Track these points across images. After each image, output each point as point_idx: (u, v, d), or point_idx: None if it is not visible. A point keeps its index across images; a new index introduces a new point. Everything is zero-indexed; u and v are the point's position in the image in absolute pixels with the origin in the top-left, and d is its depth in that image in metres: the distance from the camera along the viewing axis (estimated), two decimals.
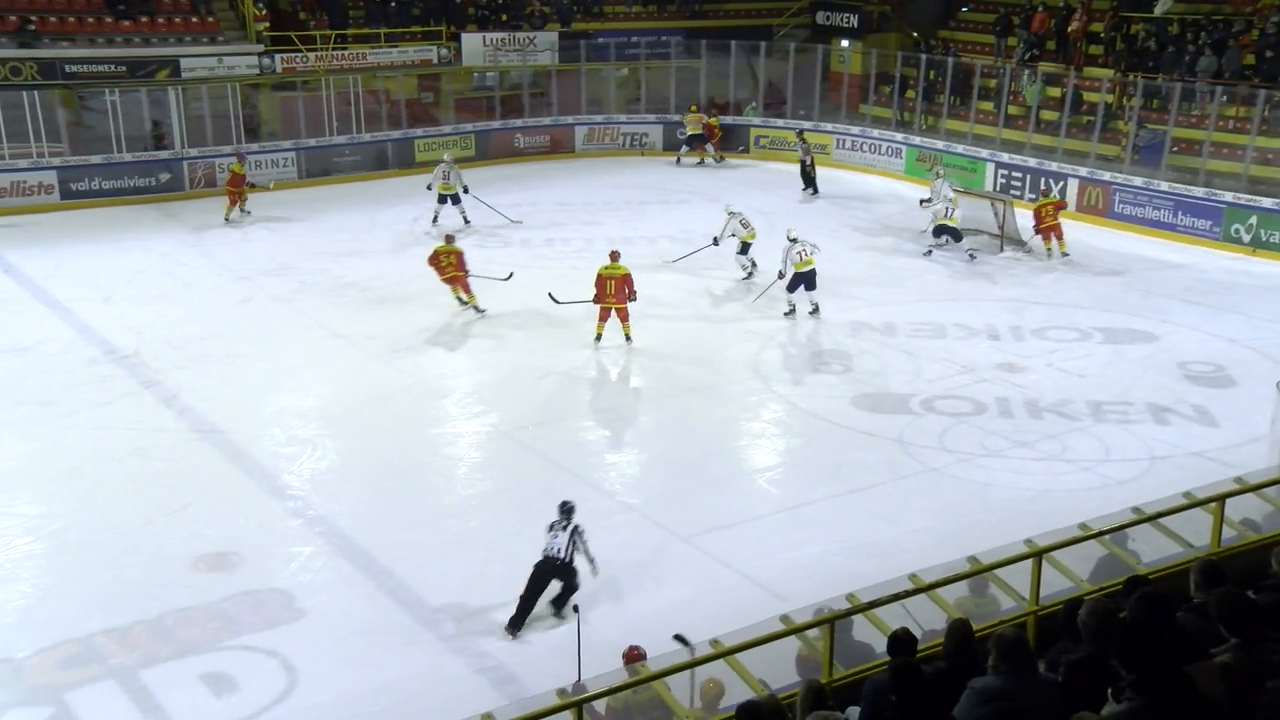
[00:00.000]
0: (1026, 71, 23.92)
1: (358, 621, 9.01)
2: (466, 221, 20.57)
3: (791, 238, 16.23)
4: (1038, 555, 6.19)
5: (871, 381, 13.58)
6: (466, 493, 11.18)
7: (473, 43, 26.21)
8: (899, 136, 24.62)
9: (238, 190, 21.17)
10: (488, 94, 26.90)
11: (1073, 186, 21.39)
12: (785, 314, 15.93)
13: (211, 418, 12.51)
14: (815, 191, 23.37)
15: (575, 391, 13.48)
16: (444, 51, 25.93)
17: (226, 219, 21.11)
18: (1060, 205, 19.46)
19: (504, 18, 27.14)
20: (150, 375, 13.71)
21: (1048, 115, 23.12)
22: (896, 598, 5.90)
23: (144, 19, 23.24)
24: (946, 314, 15.97)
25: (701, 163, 25.49)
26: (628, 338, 14.86)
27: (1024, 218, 20.02)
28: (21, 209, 20.83)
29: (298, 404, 12.99)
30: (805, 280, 15.98)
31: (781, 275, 16.06)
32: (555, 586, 9.11)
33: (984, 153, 22.91)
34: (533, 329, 15.48)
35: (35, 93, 21.04)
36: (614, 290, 14.80)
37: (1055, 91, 23.38)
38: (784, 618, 6.08)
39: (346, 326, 15.44)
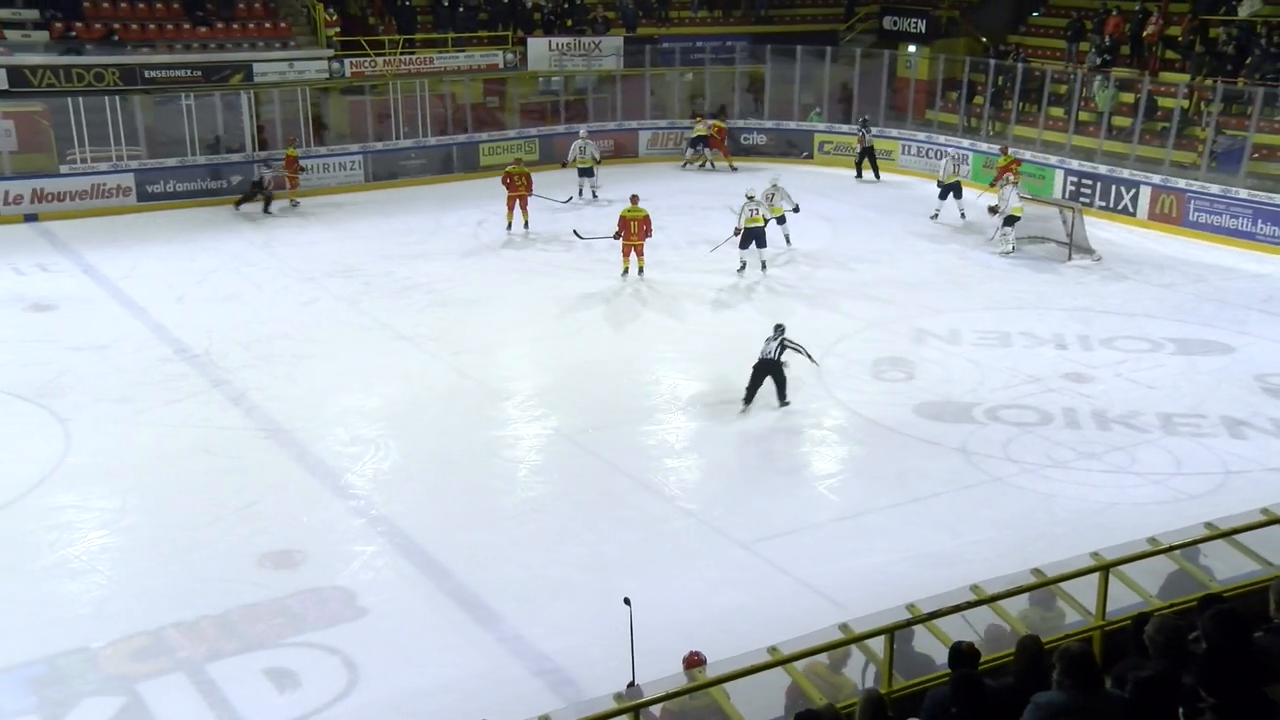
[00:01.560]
0: (1099, 77, 23.51)
1: (418, 621, 9.11)
2: (595, 196, 22.42)
3: (749, 195, 18.12)
4: (1104, 569, 6.07)
5: (935, 389, 13.43)
6: (527, 495, 11.26)
7: (538, 47, 26.44)
8: (966, 142, 24.34)
9: (294, 175, 21.94)
10: (552, 98, 27.10)
11: (1145, 194, 20.96)
12: (737, 270, 17.91)
13: (278, 417, 12.74)
14: (877, 177, 24.05)
15: (635, 395, 13.51)
16: (509, 56, 26.18)
17: (292, 204, 21.90)
18: (1018, 163, 21.37)
19: (569, 23, 27.32)
20: (219, 374, 14.01)
21: (1120, 121, 22.71)
22: (958, 609, 5.82)
23: (220, 25, 23.79)
24: (1012, 322, 15.76)
25: (703, 166, 25.38)
26: (640, 270, 17.65)
27: (1093, 225, 19.72)
28: (101, 210, 21.42)
29: (361, 404, 13.18)
30: (755, 237, 17.84)
31: (737, 232, 17.86)
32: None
33: (1053, 159, 22.55)
34: (591, 333, 15.57)
35: (116, 97, 21.62)
36: (636, 230, 17.64)
37: (1128, 97, 22.95)
38: (843, 626, 6.04)
39: (410, 328, 15.63)
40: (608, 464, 11.69)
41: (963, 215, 21.00)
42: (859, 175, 24.76)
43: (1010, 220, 18.89)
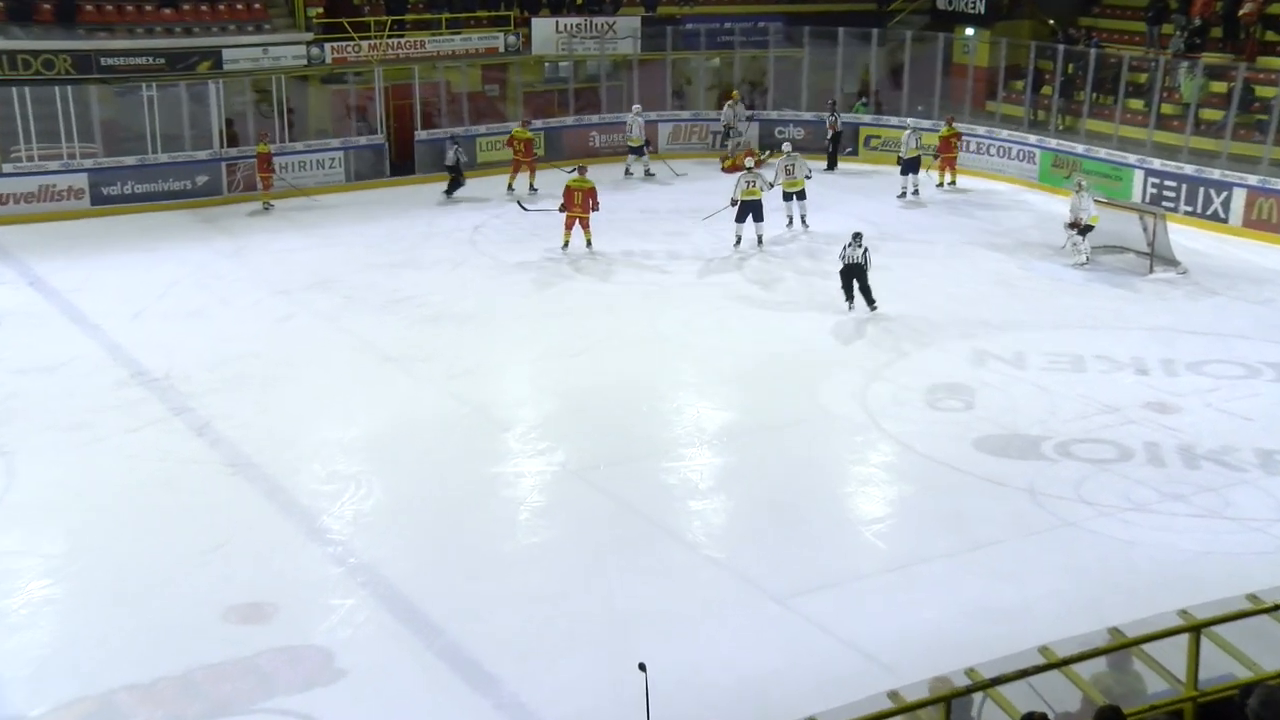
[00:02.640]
0: (1185, 64, 23.46)
1: (404, 684, 9.09)
2: (648, 174, 24.56)
3: (747, 165, 20.15)
4: (1195, 629, 6.00)
5: (998, 420, 13.38)
6: (529, 540, 11.24)
7: (544, 29, 26.65)
8: (1032, 139, 24.38)
9: (266, 174, 22.30)
10: (560, 87, 27.32)
11: (1239, 198, 20.86)
12: (733, 245, 19.70)
13: (246, 449, 12.78)
14: (830, 166, 25.01)
15: (653, 425, 13.50)
16: (512, 39, 26.40)
17: (265, 206, 22.33)
18: (959, 136, 23.80)
19: (579, 1, 27.50)
20: (182, 400, 14.07)
21: (1210, 114, 22.65)
22: (1024, 674, 5.77)
23: (186, 6, 24.00)
24: (1086, 344, 15.69)
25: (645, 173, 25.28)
26: (588, 243, 19.42)
27: (1178, 233, 19.65)
28: (51, 214, 21.60)
29: (341, 435, 13.21)
30: (752, 210, 19.45)
31: (734, 203, 19.58)
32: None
33: (1131, 158, 22.53)
34: (602, 351, 15.60)
35: (68, 87, 21.77)
36: (580, 201, 19.26)
37: (1220, 87, 22.88)
38: (893, 694, 5.99)
39: (397, 348, 15.69)
40: (622, 505, 11.67)
41: (915, 192, 23.07)
42: (831, 166, 25.27)
43: (1084, 228, 18.86)
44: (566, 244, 19.57)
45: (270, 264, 19.36)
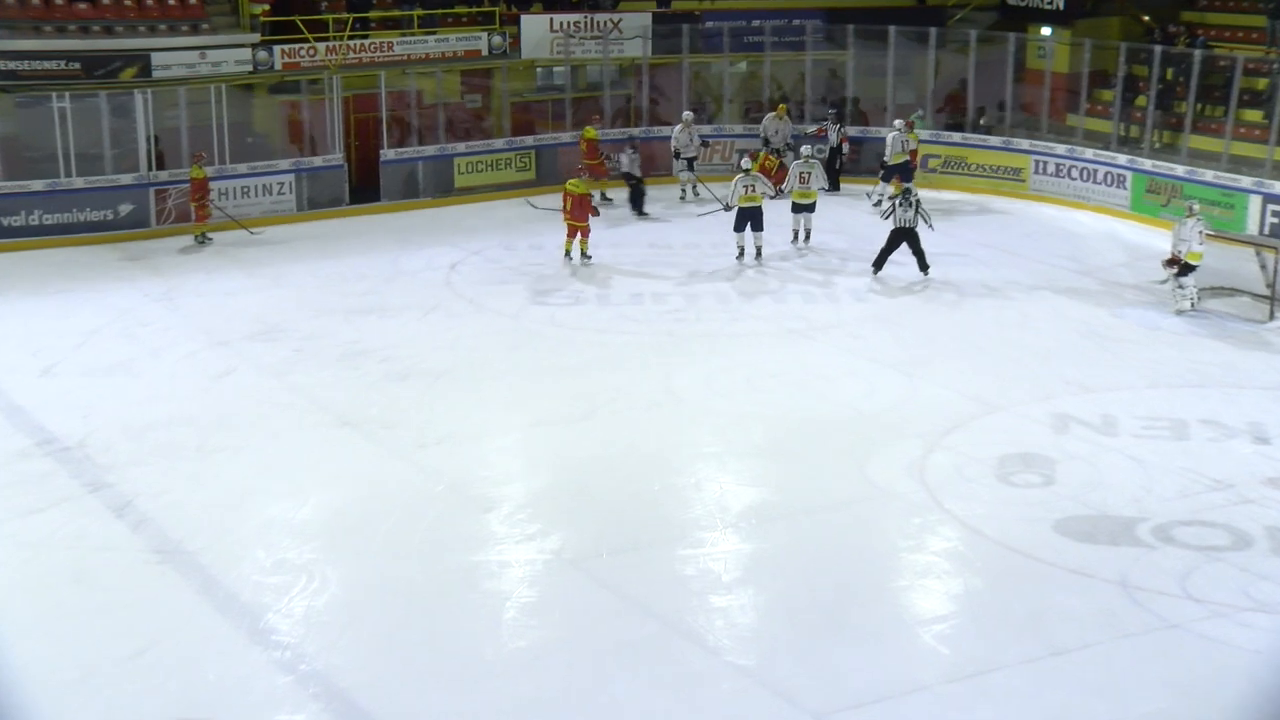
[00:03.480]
0: None
1: None
2: (695, 194, 25.49)
3: (745, 167, 21.56)
4: None
5: (1083, 498, 13.38)
6: (516, 644, 11.23)
7: (536, 28, 27.00)
8: (1122, 159, 24.60)
9: (202, 202, 22.47)
10: (555, 96, 27.66)
11: None
12: (735, 258, 21.25)
13: (176, 533, 12.82)
14: (834, 187, 25.57)
15: (667, 506, 13.53)
16: (497, 40, 26.72)
17: (199, 240, 22.55)
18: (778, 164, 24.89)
19: None
20: (98, 474, 14.13)
21: None
22: None
23: (107, 1, 24.24)
24: (1191, 405, 15.74)
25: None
26: (584, 255, 21.15)
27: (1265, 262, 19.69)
28: None
29: (290, 516, 13.25)
30: (751, 218, 20.91)
31: (728, 208, 21.24)
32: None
33: (1246, 182, 22.72)
34: (607, 417, 15.67)
35: None
36: (571, 207, 21.00)
37: None
38: None
39: (358, 411, 15.77)
40: (630, 601, 11.67)
41: (877, 203, 23.97)
42: (834, 186, 25.71)
43: (1187, 268, 18.86)
44: (568, 252, 21.33)
45: (207, 309, 19.52)
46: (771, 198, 22.11)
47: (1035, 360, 17.21)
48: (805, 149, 23.27)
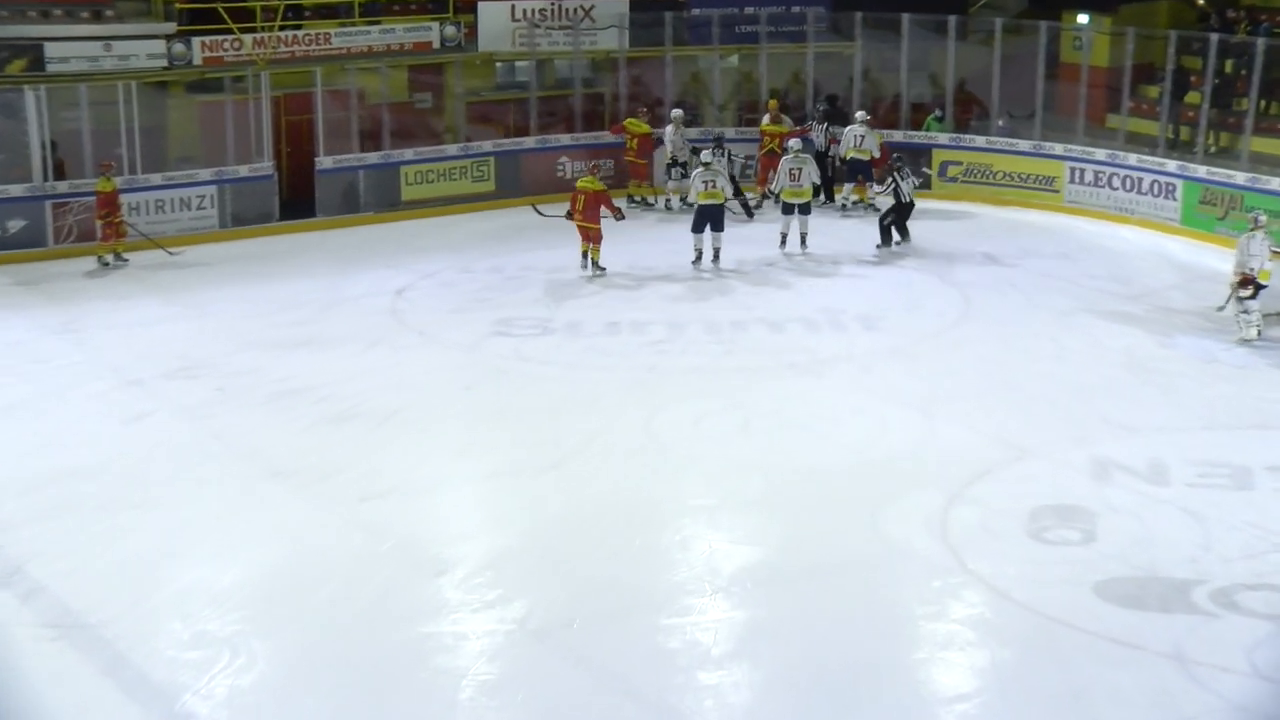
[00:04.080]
0: None
1: None
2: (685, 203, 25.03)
3: (705, 160, 22.60)
4: None
5: (1129, 558, 13.41)
6: None
7: (495, 18, 27.09)
8: (1172, 165, 24.73)
9: (111, 219, 22.35)
10: (518, 95, 27.77)
11: None
12: (693, 263, 22.30)
13: (77, 603, 12.73)
14: (829, 198, 25.81)
15: (648, 568, 13.51)
16: (450, 31, 26.78)
17: (103, 261, 22.45)
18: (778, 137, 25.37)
19: None
20: None
21: None
22: None
23: None
24: (1254, 449, 15.78)
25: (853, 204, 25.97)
26: (595, 265, 21.94)
27: None
28: None
29: (212, 582, 13.18)
30: (711, 218, 22.09)
31: (687, 204, 22.81)
32: None
33: None
34: (580, 465, 15.66)
35: None
36: (582, 207, 21.77)
37: None
38: None
39: (290, 459, 15.74)
40: (605, 679, 11.66)
41: (843, 206, 25.77)
42: (829, 197, 25.95)
43: (1258, 288, 18.86)
44: (585, 254, 22.18)
45: (116, 343, 19.49)
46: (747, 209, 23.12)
47: (1072, 397, 17.28)
48: (793, 143, 23.66)
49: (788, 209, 23.17)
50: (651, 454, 16.03)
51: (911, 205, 23.29)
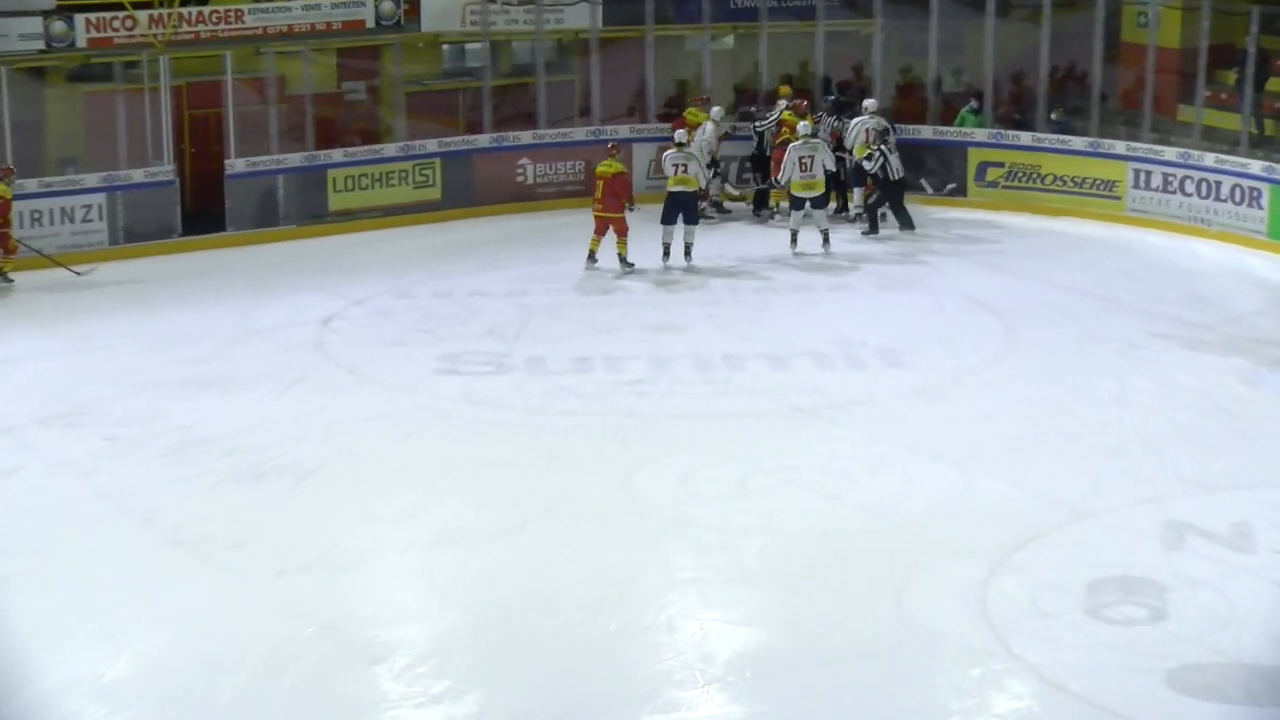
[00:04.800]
0: None
1: None
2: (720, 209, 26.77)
3: (679, 140, 23.85)
4: None
5: (1208, 640, 13.41)
6: None
7: None
8: (1257, 166, 24.83)
9: (4, 232, 22.45)
10: (469, 84, 27.88)
11: None
12: (662, 259, 23.58)
13: None
14: (841, 207, 26.21)
15: (627, 655, 13.49)
16: (388, 7, 26.84)
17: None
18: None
19: None
20: None
21: None
22: None
23: None
24: None
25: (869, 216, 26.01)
26: (622, 260, 23.26)
27: None
28: None
29: (100, 673, 13.11)
30: (683, 206, 23.45)
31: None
32: None
33: None
34: (542, 528, 15.64)
35: None
36: (604, 193, 23.05)
37: None
38: None
39: (195, 524, 15.69)
40: None
41: (856, 216, 25.92)
42: (842, 204, 26.29)
43: None
44: (592, 254, 23.48)
45: None
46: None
47: (1139, 447, 17.29)
48: (803, 127, 24.15)
49: (798, 203, 23.71)
50: (630, 516, 16.02)
51: (902, 183, 24.62)
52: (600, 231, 23.06)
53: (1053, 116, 26.85)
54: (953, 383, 19.37)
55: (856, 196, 25.92)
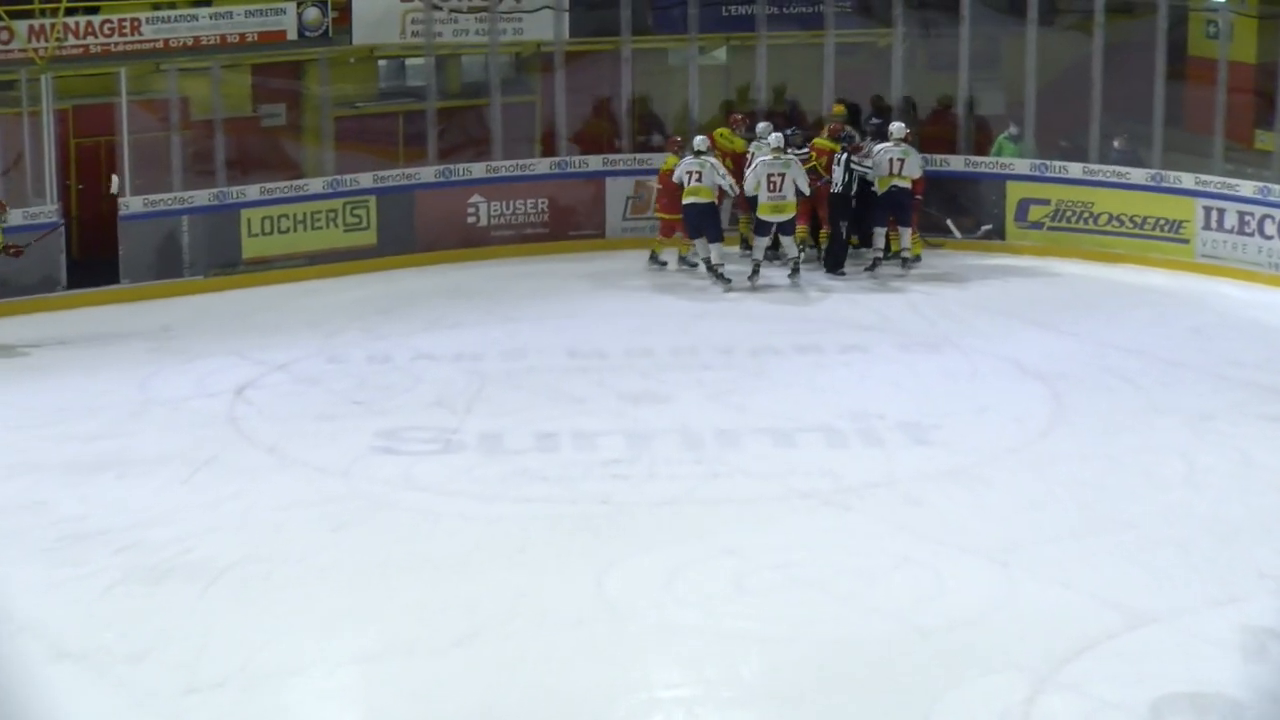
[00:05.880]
0: None
1: None
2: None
3: (697, 148, 25.17)
4: None
5: None
6: None
7: None
8: None
9: None
10: (409, 107, 27.98)
11: None
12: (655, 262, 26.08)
13: None
14: (865, 243, 26.72)
15: None
16: (313, 14, 26.74)
17: None
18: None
19: None
20: None
21: None
22: None
23: None
24: None
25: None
26: (683, 259, 26.08)
27: None
28: None
29: None
30: (704, 221, 25.05)
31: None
32: None
33: None
34: (502, 646, 15.56)
35: None
36: (662, 194, 25.51)
37: None
38: None
39: (86, 634, 15.66)
40: None
41: (875, 262, 26.58)
42: (863, 240, 26.73)
43: None
44: (655, 254, 26.49)
45: None
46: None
47: (1212, 539, 17.30)
48: (774, 138, 24.74)
49: (762, 228, 24.70)
50: (604, 624, 16.03)
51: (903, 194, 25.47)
52: (666, 232, 24.67)
53: (1116, 145, 26.93)
54: (990, 463, 19.40)
55: (879, 236, 26.14)
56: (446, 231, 26.40)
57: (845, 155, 25.25)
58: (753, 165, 24.98)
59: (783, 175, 24.33)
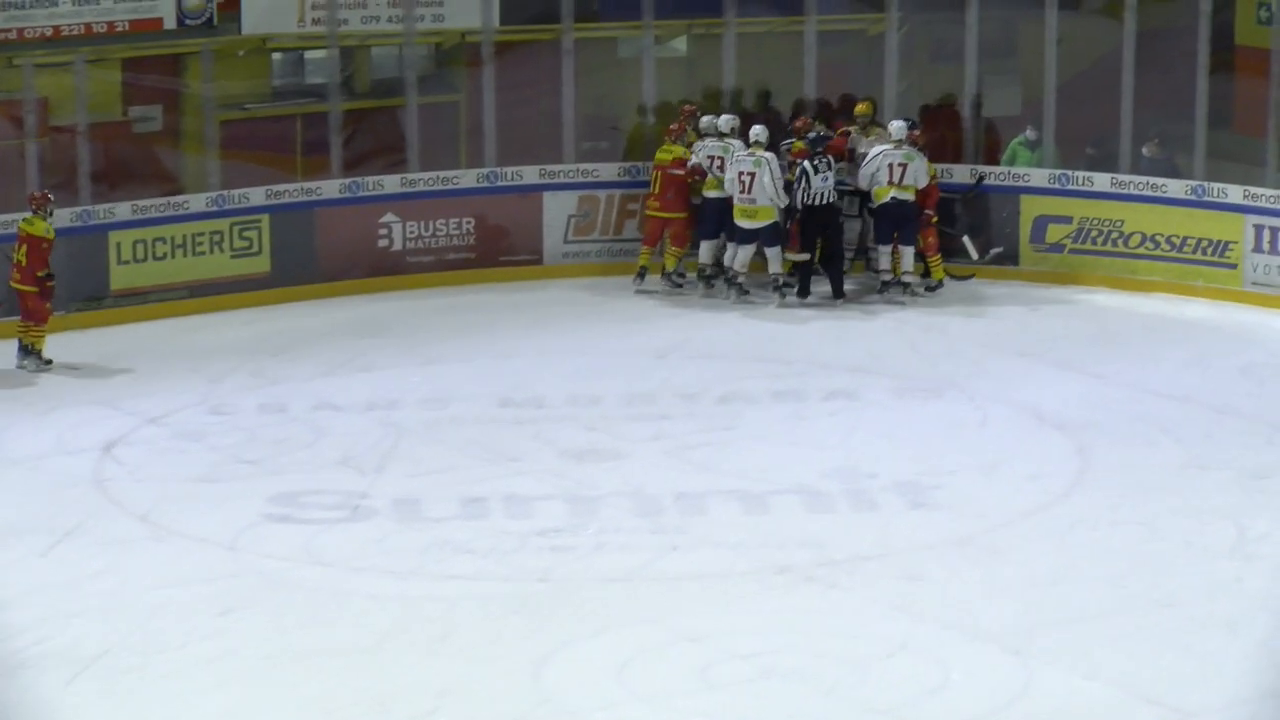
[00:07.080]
0: None
1: None
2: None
3: (722, 130, 26.32)
4: None
5: None
6: None
7: None
8: None
9: None
10: (309, 108, 28.07)
11: None
12: (696, 279, 26.60)
13: None
14: (802, 290, 26.68)
15: None
16: (195, 1, 26.86)
17: None
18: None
19: None
20: None
21: None
22: None
23: None
24: None
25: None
26: (664, 272, 26.65)
27: None
28: None
29: None
30: (718, 215, 25.32)
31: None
32: None
33: None
34: None
35: None
36: (659, 189, 26.06)
37: None
38: None
39: None
40: None
41: (884, 285, 27.06)
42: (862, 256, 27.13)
43: None
44: (643, 271, 26.83)
45: None
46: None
47: (1265, 618, 17.42)
48: (756, 131, 25.49)
49: (741, 236, 25.45)
50: None
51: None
52: (652, 240, 24.79)
53: (1145, 152, 27.06)
54: (1002, 529, 19.47)
55: (883, 256, 26.42)
56: (354, 257, 26.48)
57: (815, 159, 25.41)
58: (730, 162, 25.55)
59: (753, 175, 24.84)
